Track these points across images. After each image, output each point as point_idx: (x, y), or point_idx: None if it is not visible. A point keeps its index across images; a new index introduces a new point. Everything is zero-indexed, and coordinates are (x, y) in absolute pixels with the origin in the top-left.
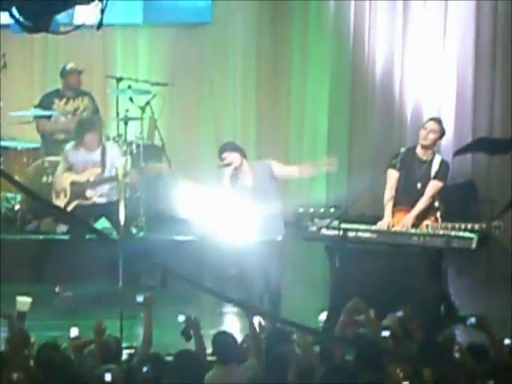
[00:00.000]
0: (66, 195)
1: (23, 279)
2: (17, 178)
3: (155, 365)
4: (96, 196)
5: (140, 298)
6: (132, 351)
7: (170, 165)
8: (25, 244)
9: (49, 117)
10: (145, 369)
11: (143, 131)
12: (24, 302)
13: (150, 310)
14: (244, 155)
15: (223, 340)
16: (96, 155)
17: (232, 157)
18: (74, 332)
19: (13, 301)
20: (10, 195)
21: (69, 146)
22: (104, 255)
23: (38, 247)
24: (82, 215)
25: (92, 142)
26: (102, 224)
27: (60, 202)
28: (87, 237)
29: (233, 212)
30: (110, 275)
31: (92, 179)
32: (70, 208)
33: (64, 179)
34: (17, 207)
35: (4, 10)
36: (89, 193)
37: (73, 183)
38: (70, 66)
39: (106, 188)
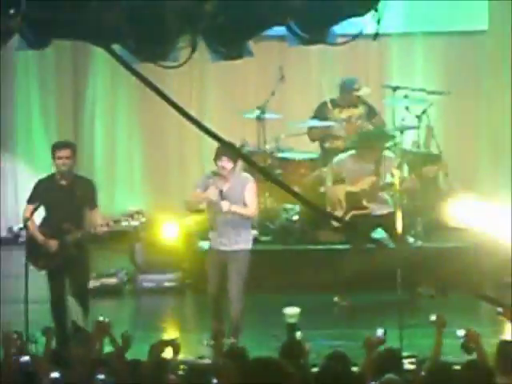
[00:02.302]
0: (342, 206)
1: (303, 289)
2: (295, 188)
3: (443, 373)
4: (372, 205)
5: (433, 317)
6: (413, 360)
7: (447, 169)
8: (304, 254)
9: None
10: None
11: (420, 140)
12: (292, 313)
13: (441, 330)
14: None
15: (507, 349)
16: (370, 164)
17: (227, 166)
18: (380, 332)
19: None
20: (289, 206)
21: (340, 157)
22: (382, 264)
23: (317, 257)
24: (360, 225)
25: (372, 155)
26: (379, 234)
27: (337, 214)
28: (366, 246)
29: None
30: (388, 284)
31: (367, 188)
32: (346, 219)
33: (338, 190)
34: (295, 218)
35: (280, 24)
36: (365, 202)
37: (348, 194)
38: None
39: (382, 197)
